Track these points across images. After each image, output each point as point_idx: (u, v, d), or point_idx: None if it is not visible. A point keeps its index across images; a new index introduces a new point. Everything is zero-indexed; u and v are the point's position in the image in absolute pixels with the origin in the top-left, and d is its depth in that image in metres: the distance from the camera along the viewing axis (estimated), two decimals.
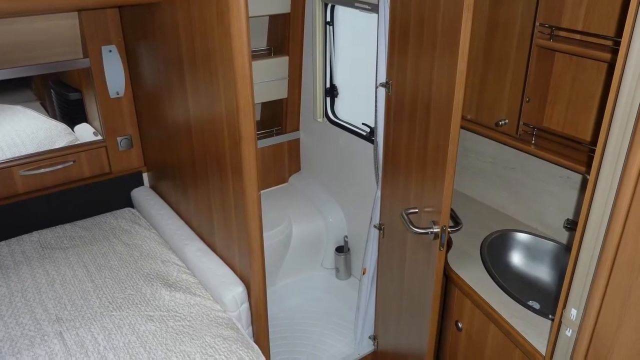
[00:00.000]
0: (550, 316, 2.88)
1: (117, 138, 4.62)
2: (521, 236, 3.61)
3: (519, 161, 3.65)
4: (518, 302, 3.03)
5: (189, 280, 3.76)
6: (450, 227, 3.05)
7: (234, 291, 3.52)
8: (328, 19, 4.71)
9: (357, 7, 4.21)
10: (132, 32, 4.21)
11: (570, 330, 2.28)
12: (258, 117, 5.59)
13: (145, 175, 4.87)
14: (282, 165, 5.55)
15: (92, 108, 4.55)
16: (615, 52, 2.64)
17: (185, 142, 3.80)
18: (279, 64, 5.02)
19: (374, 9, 3.92)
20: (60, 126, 4.56)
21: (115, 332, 3.28)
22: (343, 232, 5.26)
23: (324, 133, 5.14)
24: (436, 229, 3.01)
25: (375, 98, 3.64)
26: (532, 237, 3.58)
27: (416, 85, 3.05)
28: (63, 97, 4.62)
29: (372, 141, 4.24)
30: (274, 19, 5.04)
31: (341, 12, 4.67)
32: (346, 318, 5.00)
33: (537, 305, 3.19)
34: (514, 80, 3.39)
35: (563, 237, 3.49)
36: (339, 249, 5.24)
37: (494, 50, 3.50)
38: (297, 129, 5.47)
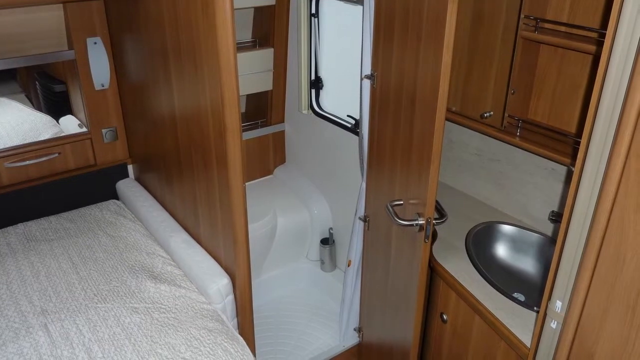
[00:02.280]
0: (535, 308, 2.89)
1: (102, 130, 4.61)
2: (506, 228, 3.61)
3: (504, 153, 3.66)
4: (503, 294, 3.03)
5: (174, 272, 3.76)
6: (435, 219, 3.05)
7: (218, 283, 3.52)
8: (313, 11, 4.70)
9: None
10: (117, 24, 4.20)
11: (555, 323, 2.28)
12: (243, 109, 5.59)
13: (130, 167, 4.86)
14: (267, 157, 5.55)
15: (77, 100, 4.54)
16: (600, 44, 2.64)
17: (170, 134, 3.79)
18: (264, 56, 5.01)
19: (359, 0, 3.92)
20: (45, 118, 4.55)
21: (100, 324, 3.28)
22: (328, 224, 5.27)
23: (309, 125, 5.14)
24: (421, 221, 3.01)
25: (360, 90, 3.64)
26: (517, 229, 3.59)
27: (401, 77, 3.05)
28: (48, 89, 4.61)
29: (357, 133, 4.24)
30: (259, 11, 5.03)
31: (326, 4, 4.67)
32: (331, 310, 5.01)
33: (522, 297, 3.20)
34: (499, 72, 3.39)
35: (548, 229, 3.50)
36: (324, 241, 5.25)
37: (479, 42, 3.50)
38: (282, 121, 5.47)
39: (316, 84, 5.00)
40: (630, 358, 1.95)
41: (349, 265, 4.19)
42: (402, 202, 3.25)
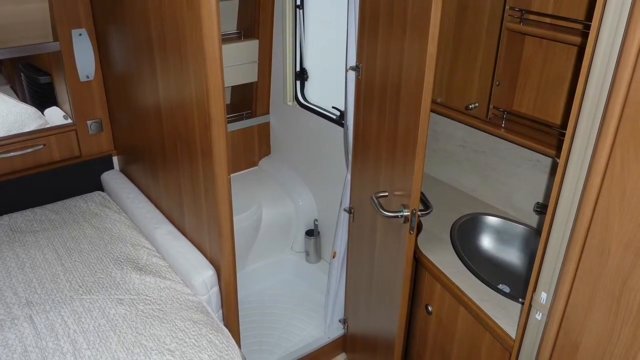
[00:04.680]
0: (520, 300, 2.90)
1: (87, 121, 4.60)
2: (491, 219, 3.62)
3: (489, 145, 3.66)
4: (488, 286, 3.04)
5: (159, 263, 3.76)
6: (420, 210, 3.05)
7: (204, 275, 3.52)
8: (298, 2, 4.70)
9: None
10: (102, 15, 4.19)
11: (540, 314, 2.29)
12: (228, 101, 5.58)
13: (115, 159, 4.85)
14: (252, 149, 5.55)
15: (62, 91, 4.53)
16: (585, 35, 2.66)
17: (155, 126, 3.79)
18: (249, 48, 5.01)
19: None
20: (30, 110, 4.54)
21: (85, 315, 3.27)
22: (313, 216, 5.27)
23: (294, 116, 5.14)
24: (406, 213, 3.01)
25: (346, 81, 3.64)
26: (502, 220, 3.59)
27: (386, 69, 3.05)
28: (33, 80, 4.60)
29: (342, 125, 4.25)
30: (243, 3, 5.03)
31: None
32: (316, 301, 5.02)
33: (507, 289, 3.21)
34: (484, 64, 3.40)
35: (533, 220, 3.50)
36: (309, 233, 5.26)
37: (464, 33, 3.50)
38: (267, 112, 5.46)
39: (301, 75, 5.00)
40: (615, 349, 1.96)
41: (333, 257, 4.19)
42: (387, 194, 3.26)
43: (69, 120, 4.58)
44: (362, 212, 3.67)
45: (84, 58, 4.38)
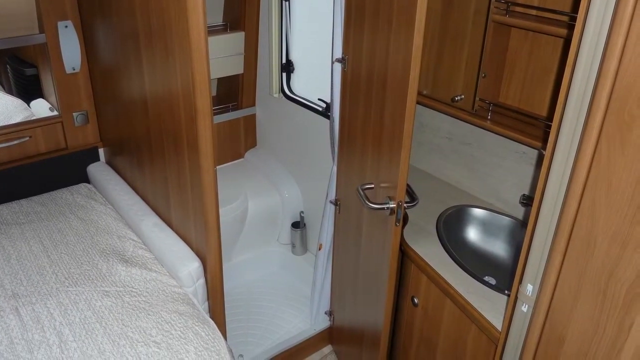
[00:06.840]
0: (506, 292, 2.90)
1: (73, 114, 4.58)
2: (477, 212, 3.62)
3: (475, 137, 3.66)
4: (474, 278, 3.04)
5: (145, 255, 3.76)
6: (406, 202, 3.05)
7: (189, 267, 3.52)
8: None
9: None
10: (88, 7, 4.17)
11: (527, 306, 2.29)
12: (214, 93, 5.58)
13: (101, 151, 4.84)
14: (238, 141, 5.55)
15: (48, 83, 4.52)
16: (571, 27, 2.66)
17: (142, 118, 3.78)
18: (235, 40, 5.00)
19: None
20: (16, 102, 4.53)
21: (71, 307, 3.27)
22: (299, 208, 5.27)
23: (280, 108, 5.14)
24: (392, 205, 3.01)
25: (332, 73, 3.64)
26: (488, 212, 3.59)
27: (372, 61, 3.05)
28: (19, 72, 4.59)
29: (328, 116, 4.24)
30: None
31: None
32: (302, 293, 5.02)
33: (493, 281, 3.21)
34: (470, 56, 3.40)
35: (519, 212, 3.51)
36: (295, 225, 5.26)
37: (450, 25, 3.50)
38: (253, 104, 5.46)
39: (287, 67, 5.00)
40: (601, 341, 1.96)
41: (320, 249, 4.20)
42: (373, 186, 3.26)
43: (55, 112, 4.58)
44: (348, 204, 3.67)
45: (70, 50, 4.37)
